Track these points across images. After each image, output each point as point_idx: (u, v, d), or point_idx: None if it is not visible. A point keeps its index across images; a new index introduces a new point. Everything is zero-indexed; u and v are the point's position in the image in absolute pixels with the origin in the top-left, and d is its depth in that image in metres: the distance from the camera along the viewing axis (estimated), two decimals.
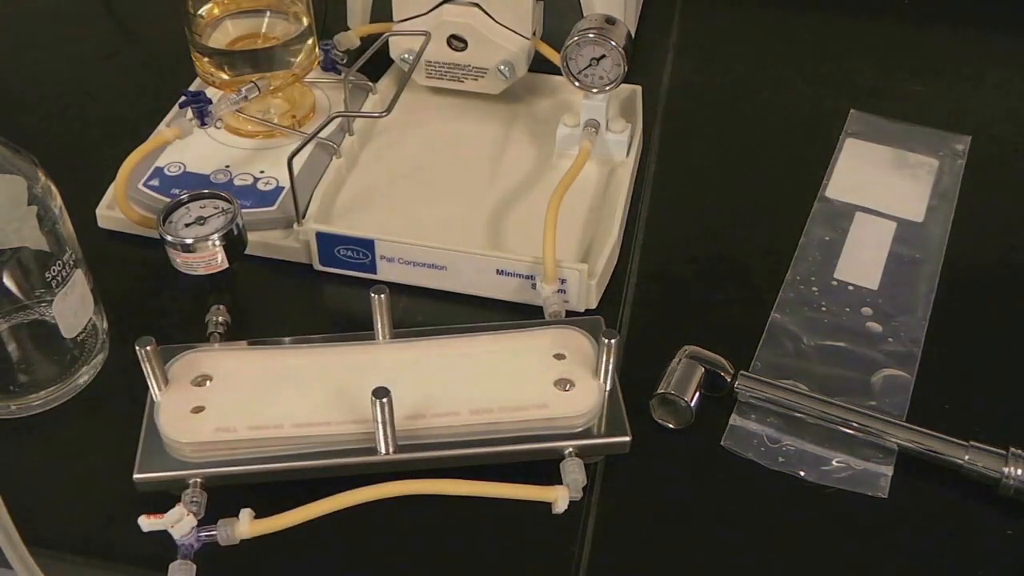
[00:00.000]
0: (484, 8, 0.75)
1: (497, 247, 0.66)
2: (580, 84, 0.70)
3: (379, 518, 0.54)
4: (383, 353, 0.59)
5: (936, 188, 0.75)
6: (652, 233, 0.72)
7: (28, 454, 0.58)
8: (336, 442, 0.54)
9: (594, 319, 0.61)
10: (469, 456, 0.55)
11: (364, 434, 0.54)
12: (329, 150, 0.72)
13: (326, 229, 0.66)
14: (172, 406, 0.55)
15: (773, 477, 0.57)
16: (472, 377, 0.57)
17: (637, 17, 0.90)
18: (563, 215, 0.65)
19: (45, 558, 0.49)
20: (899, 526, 0.55)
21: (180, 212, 0.64)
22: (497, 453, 0.55)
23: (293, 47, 0.73)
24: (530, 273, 0.64)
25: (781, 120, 0.82)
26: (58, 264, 0.57)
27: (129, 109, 0.81)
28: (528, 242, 0.65)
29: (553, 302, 0.63)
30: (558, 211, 0.65)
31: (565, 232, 0.67)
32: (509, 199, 0.72)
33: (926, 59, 0.88)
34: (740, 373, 0.60)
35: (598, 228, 0.69)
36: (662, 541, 0.55)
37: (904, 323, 0.65)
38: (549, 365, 0.57)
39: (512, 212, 0.71)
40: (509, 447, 0.55)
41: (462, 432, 0.55)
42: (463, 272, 0.65)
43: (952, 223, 0.73)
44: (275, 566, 0.53)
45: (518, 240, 0.68)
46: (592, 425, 0.55)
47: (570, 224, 0.69)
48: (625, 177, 0.73)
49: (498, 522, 0.55)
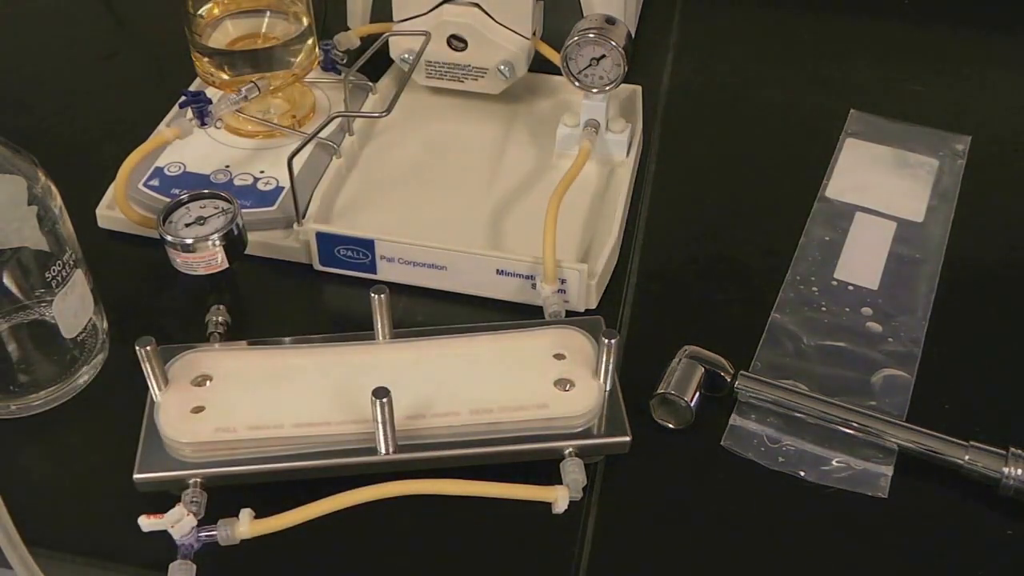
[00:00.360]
0: (484, 8, 0.75)
1: (497, 247, 0.66)
2: (580, 84, 0.70)
3: (379, 518, 0.54)
4: (383, 353, 0.59)
5: (936, 188, 0.75)
6: (652, 233, 0.72)
7: (28, 454, 0.58)
8: (336, 442, 0.54)
9: (594, 319, 0.61)
10: (469, 456, 0.55)
11: (364, 434, 0.54)
12: (329, 150, 0.72)
13: (326, 229, 0.66)
14: (172, 406, 0.55)
15: (773, 477, 0.57)
16: (472, 377, 0.57)
17: (637, 17, 0.90)
18: (563, 215, 0.65)
19: (45, 558, 0.49)
20: (899, 526, 0.55)
21: (180, 212, 0.64)
22: (497, 453, 0.55)
23: (293, 47, 0.73)
24: (530, 273, 0.64)
25: (781, 120, 0.82)
26: (58, 264, 0.57)
27: (129, 109, 0.81)
28: (528, 242, 0.65)
29: (553, 302, 0.63)
30: (558, 211, 0.65)
31: (565, 232, 0.67)
32: (509, 199, 0.72)
33: (926, 59, 0.88)
34: (740, 373, 0.60)
35: (598, 228, 0.69)
36: (662, 541, 0.55)
37: (904, 323, 0.65)
38: (549, 365, 0.57)
39: (512, 212, 0.71)
40: (509, 447, 0.55)
41: (462, 432, 0.55)
42: (463, 272, 0.65)
43: (952, 223, 0.73)
44: (275, 566, 0.53)
45: (518, 240, 0.68)
46: (592, 425, 0.55)
47: (570, 224, 0.69)
48: (625, 177, 0.73)
49: (498, 522, 0.55)
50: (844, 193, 0.75)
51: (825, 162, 0.77)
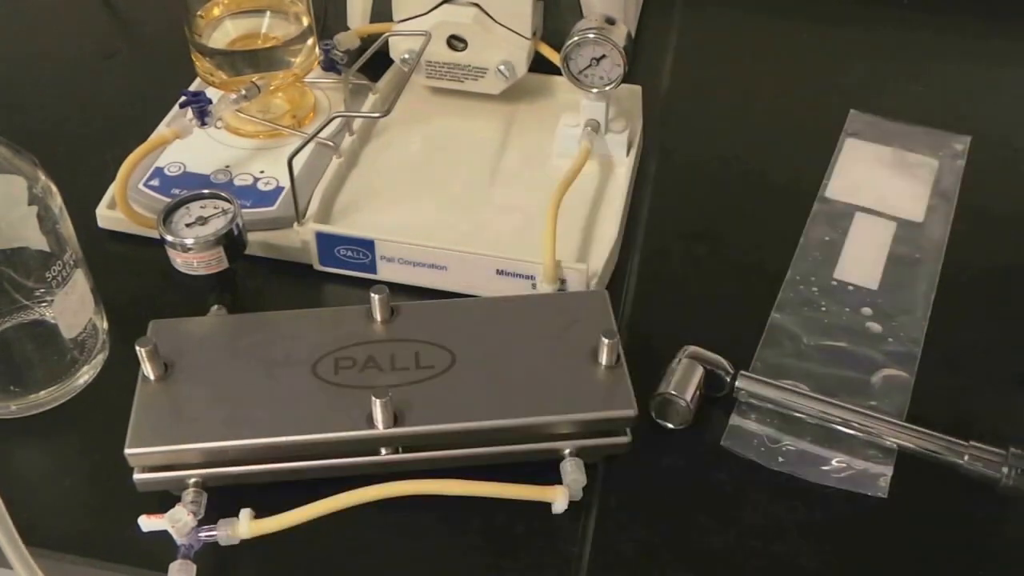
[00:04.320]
0: (484, 8, 0.75)
1: (497, 247, 0.66)
2: (580, 84, 0.70)
3: (379, 518, 0.54)
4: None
5: (936, 188, 0.75)
6: (652, 233, 0.72)
7: (28, 454, 0.58)
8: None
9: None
10: (469, 456, 0.55)
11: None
12: (329, 150, 0.72)
13: (326, 229, 0.66)
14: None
15: (773, 477, 0.57)
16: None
17: (637, 17, 0.90)
18: (563, 215, 0.65)
19: (45, 558, 0.49)
20: (899, 526, 0.55)
21: (180, 212, 0.64)
22: (497, 453, 0.55)
23: (293, 47, 0.73)
24: (530, 273, 0.64)
25: (781, 120, 0.82)
26: (58, 264, 0.57)
27: (129, 109, 0.81)
28: (528, 242, 0.65)
29: None
30: (558, 211, 0.65)
31: (565, 232, 0.67)
32: (509, 199, 0.72)
33: (926, 59, 0.88)
34: (740, 373, 0.60)
35: (598, 228, 0.69)
36: (662, 541, 0.55)
37: (904, 323, 0.65)
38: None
39: (512, 212, 0.71)
40: (509, 447, 0.55)
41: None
42: (463, 272, 0.65)
43: (952, 223, 0.73)
44: (275, 566, 0.53)
45: (518, 240, 0.68)
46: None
47: (570, 224, 0.69)
48: (625, 177, 0.73)
49: (498, 522, 0.55)
50: (844, 193, 0.75)
51: (825, 162, 0.77)
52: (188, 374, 0.56)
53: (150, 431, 0.53)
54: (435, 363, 0.56)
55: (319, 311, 0.60)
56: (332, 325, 0.58)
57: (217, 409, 0.54)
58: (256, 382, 0.55)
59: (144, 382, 0.55)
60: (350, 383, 0.55)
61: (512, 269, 0.64)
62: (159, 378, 0.55)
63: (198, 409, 0.54)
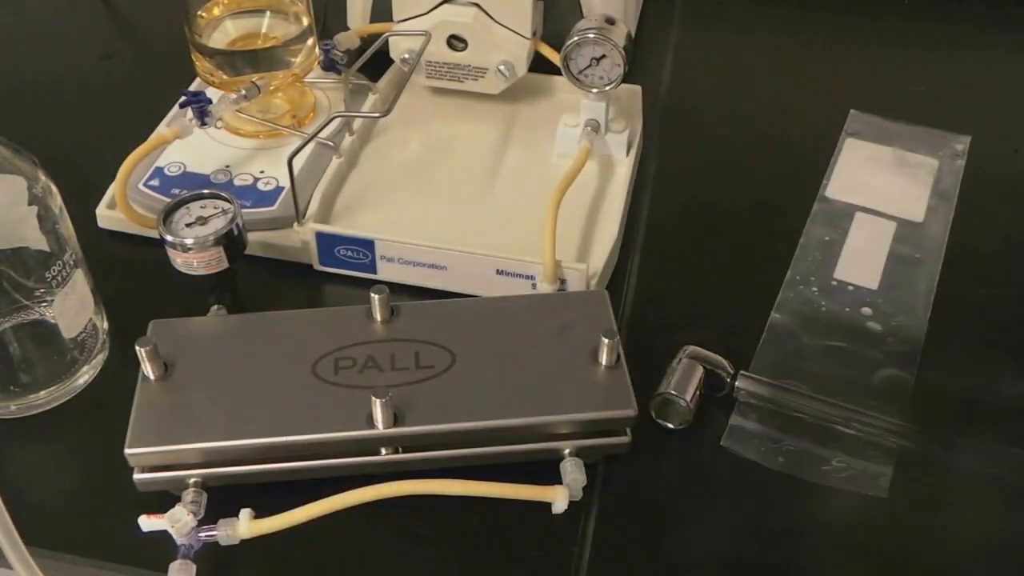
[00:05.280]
0: (484, 8, 0.75)
1: (497, 247, 0.66)
2: (580, 84, 0.70)
3: (379, 518, 0.54)
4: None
5: (936, 188, 0.75)
6: (652, 233, 0.72)
7: (28, 454, 0.58)
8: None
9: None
10: (469, 456, 0.55)
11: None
12: (329, 150, 0.72)
13: (326, 229, 0.66)
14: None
15: (773, 477, 0.57)
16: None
17: (637, 17, 0.90)
18: (563, 215, 0.65)
19: (45, 558, 0.49)
20: (899, 526, 0.55)
21: (180, 212, 0.64)
22: (497, 453, 0.55)
23: (293, 47, 0.73)
24: (530, 273, 0.64)
25: (781, 120, 0.82)
26: (58, 264, 0.57)
27: (129, 109, 0.81)
28: (528, 242, 0.65)
29: None
30: (558, 211, 0.65)
31: (565, 232, 0.66)
32: (509, 199, 0.72)
33: (926, 59, 0.89)
34: (740, 373, 0.60)
35: (598, 228, 0.69)
36: (662, 541, 0.55)
37: (904, 323, 0.65)
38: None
39: (512, 212, 0.71)
40: (509, 447, 0.55)
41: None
42: (463, 272, 0.65)
43: (952, 223, 0.73)
44: (275, 566, 0.53)
45: (518, 240, 0.68)
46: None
47: (570, 224, 0.69)
48: (625, 177, 0.73)
49: (498, 522, 0.55)
50: (844, 193, 0.75)
51: (825, 162, 0.77)
52: (188, 374, 0.56)
53: (150, 431, 0.53)
54: (435, 363, 0.56)
55: (319, 311, 0.61)
56: (332, 325, 0.58)
57: (217, 409, 0.54)
58: (256, 382, 0.55)
59: (144, 382, 0.55)
60: (350, 383, 0.55)
61: (512, 269, 0.64)
62: (159, 378, 0.55)
63: (198, 409, 0.54)
